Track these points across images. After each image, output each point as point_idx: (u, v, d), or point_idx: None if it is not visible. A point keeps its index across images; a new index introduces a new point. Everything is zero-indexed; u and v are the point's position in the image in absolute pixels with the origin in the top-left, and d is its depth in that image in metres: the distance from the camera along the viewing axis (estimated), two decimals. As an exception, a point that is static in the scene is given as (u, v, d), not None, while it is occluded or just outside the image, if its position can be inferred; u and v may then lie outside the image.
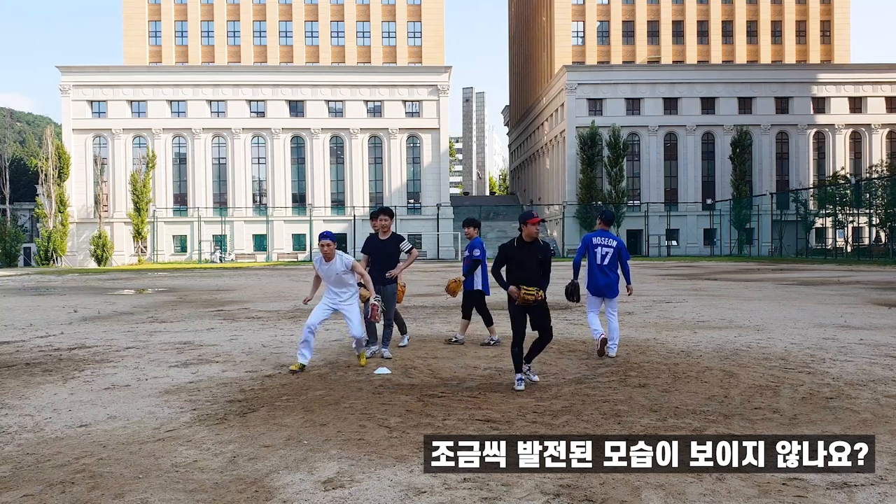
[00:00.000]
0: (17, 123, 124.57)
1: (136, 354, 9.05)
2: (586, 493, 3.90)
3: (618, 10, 71.93)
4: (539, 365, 8.01)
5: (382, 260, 8.66)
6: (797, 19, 72.95)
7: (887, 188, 49.21)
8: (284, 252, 63.60)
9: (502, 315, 13.75)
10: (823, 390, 6.48)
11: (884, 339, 9.79)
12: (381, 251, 8.69)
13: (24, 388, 6.99)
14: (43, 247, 55.83)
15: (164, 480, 4.17)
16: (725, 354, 8.60)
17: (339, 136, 65.05)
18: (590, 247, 8.64)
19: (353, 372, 7.70)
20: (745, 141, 63.23)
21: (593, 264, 8.59)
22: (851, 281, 24.04)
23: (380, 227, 8.79)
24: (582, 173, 63.28)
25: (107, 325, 12.51)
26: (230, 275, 34.67)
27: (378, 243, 8.75)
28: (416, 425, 5.35)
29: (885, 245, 51.92)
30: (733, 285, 22.34)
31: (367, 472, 4.30)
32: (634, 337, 10.25)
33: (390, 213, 8.97)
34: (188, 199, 63.90)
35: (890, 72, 66.92)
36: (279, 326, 12.06)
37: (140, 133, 63.46)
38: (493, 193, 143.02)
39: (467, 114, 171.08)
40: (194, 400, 6.37)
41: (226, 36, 69.25)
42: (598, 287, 8.58)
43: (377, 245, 8.73)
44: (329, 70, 65.76)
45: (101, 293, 21.84)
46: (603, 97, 66.15)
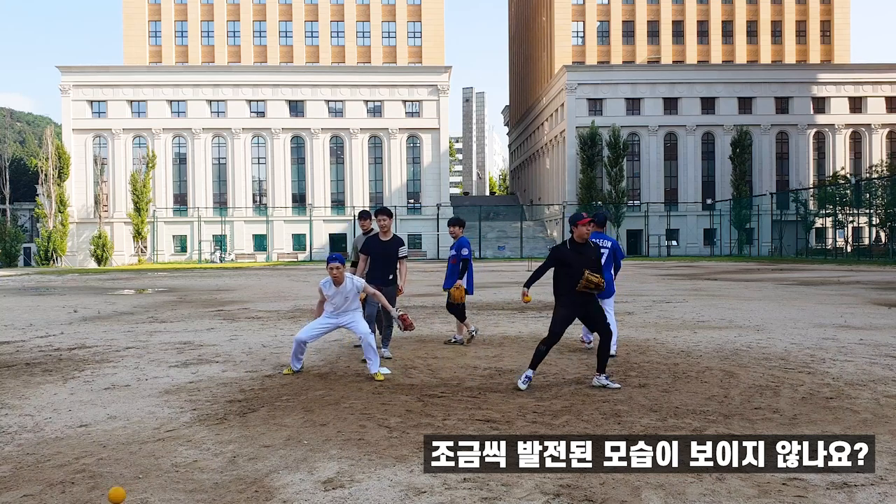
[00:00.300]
0: (17, 123, 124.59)
1: (136, 354, 9.05)
2: (586, 493, 3.90)
3: (618, 10, 71.94)
4: (539, 365, 8.01)
5: (385, 260, 8.63)
6: (797, 19, 72.96)
7: (887, 188, 49.22)
8: (284, 252, 63.61)
9: (502, 315, 13.74)
10: (823, 390, 6.48)
11: (884, 339, 9.79)
12: (383, 251, 8.64)
13: (24, 388, 6.99)
14: (43, 247, 55.84)
15: (164, 480, 4.17)
16: (725, 354, 8.61)
17: (339, 136, 65.05)
18: None
19: (353, 372, 7.70)
20: (745, 141, 63.24)
21: None
22: (851, 281, 24.04)
23: (380, 228, 8.72)
24: (582, 173, 63.28)
25: (107, 325, 12.51)
26: (230, 275, 34.68)
27: (380, 244, 8.68)
28: (416, 425, 5.35)
29: (885, 245, 51.92)
30: (733, 285, 22.35)
31: (367, 472, 4.30)
32: (634, 337, 10.25)
33: (390, 214, 8.89)
34: (188, 199, 63.91)
35: (890, 72, 66.93)
36: (279, 326, 12.06)
37: (140, 133, 63.47)
38: (493, 193, 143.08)
39: (467, 114, 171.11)
40: (194, 400, 6.37)
41: (226, 36, 69.27)
42: None
43: (379, 245, 8.68)
44: (329, 70, 65.77)
45: (101, 293, 21.84)
46: (603, 97, 66.17)
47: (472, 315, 13.70)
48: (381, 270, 8.58)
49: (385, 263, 8.60)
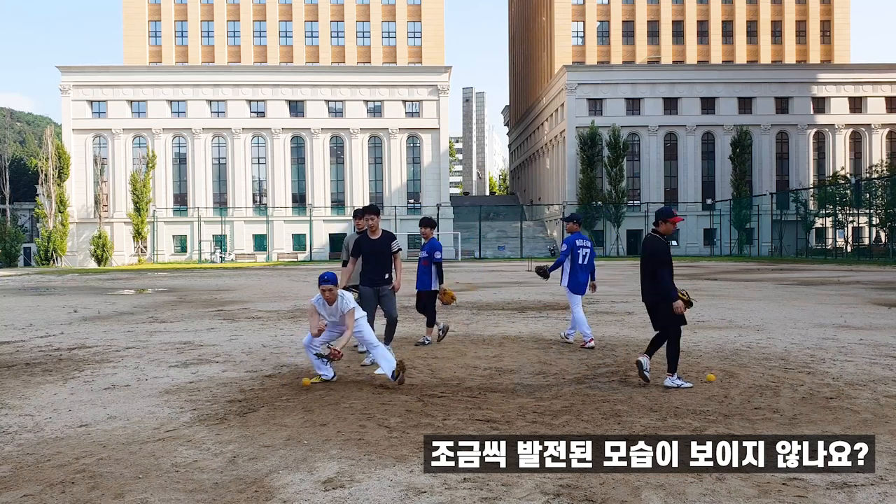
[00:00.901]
0: (17, 123, 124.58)
1: (136, 354, 9.05)
2: (586, 493, 3.90)
3: (618, 10, 71.95)
4: (539, 365, 8.02)
5: (377, 258, 8.47)
6: (797, 19, 72.96)
7: (887, 188, 49.22)
8: (284, 252, 63.61)
9: (502, 315, 13.74)
10: (823, 390, 6.48)
11: (884, 339, 9.79)
12: (373, 249, 8.49)
13: (24, 388, 6.99)
14: (43, 247, 55.84)
15: (164, 480, 4.17)
16: (725, 354, 8.61)
17: (339, 136, 65.06)
18: (574, 248, 9.42)
19: (353, 372, 7.70)
20: (745, 141, 63.24)
21: (576, 264, 9.43)
22: (851, 281, 24.04)
23: (368, 227, 8.46)
24: (582, 173, 63.28)
25: (107, 325, 12.51)
26: (230, 275, 34.68)
27: (370, 242, 8.45)
28: (416, 425, 5.35)
29: (885, 245, 51.92)
30: (733, 285, 22.35)
31: (367, 472, 4.30)
32: (634, 337, 10.25)
33: (377, 211, 8.55)
34: (188, 199, 63.91)
35: (890, 72, 66.94)
36: (279, 326, 12.06)
37: (140, 133, 63.46)
38: (493, 193, 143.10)
39: (467, 114, 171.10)
40: (194, 400, 6.37)
41: (226, 36, 69.26)
42: (581, 285, 9.42)
43: (369, 244, 8.54)
44: (329, 70, 65.76)
45: (101, 293, 21.84)
46: (603, 97, 66.17)
47: (472, 315, 13.71)
48: (375, 270, 8.37)
49: (378, 262, 8.41)
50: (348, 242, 9.07)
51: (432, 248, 9.56)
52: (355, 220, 8.95)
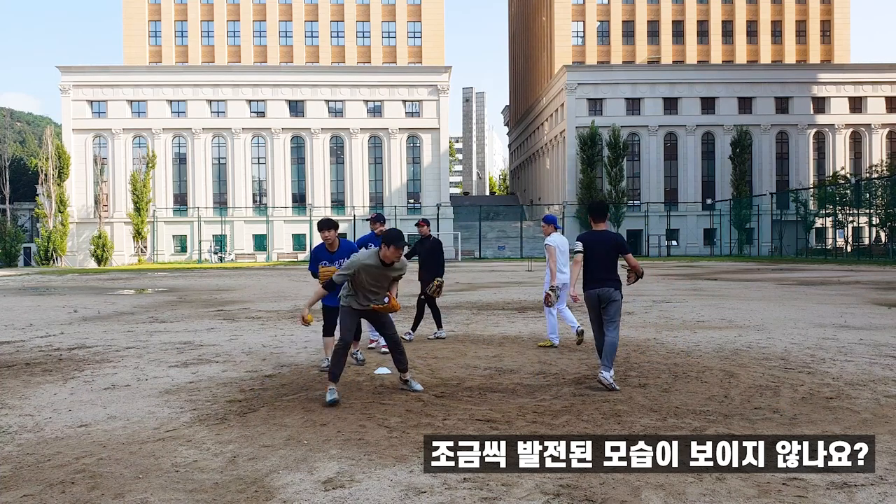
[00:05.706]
0: (18, 123, 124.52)
1: (136, 354, 9.05)
2: (586, 493, 3.90)
3: (618, 10, 71.94)
4: (539, 365, 8.02)
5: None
6: (797, 19, 72.95)
7: (887, 188, 49.23)
8: (284, 252, 63.61)
9: (502, 315, 13.74)
10: (823, 390, 6.48)
11: (884, 339, 9.79)
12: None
13: (24, 388, 6.99)
14: (43, 247, 55.84)
15: (164, 480, 4.17)
16: (725, 354, 8.60)
17: (339, 136, 65.06)
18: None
19: (353, 372, 7.70)
20: (745, 141, 63.26)
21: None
22: (851, 281, 24.04)
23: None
24: (582, 173, 63.29)
25: (107, 325, 12.51)
26: (230, 275, 34.67)
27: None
28: (416, 425, 5.35)
29: (885, 245, 51.92)
30: (733, 285, 22.34)
31: (367, 472, 4.30)
32: (634, 337, 10.25)
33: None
34: (188, 199, 63.91)
35: (890, 72, 66.93)
36: (279, 326, 12.06)
37: (140, 133, 63.47)
38: (493, 193, 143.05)
39: (467, 114, 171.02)
40: (194, 400, 6.37)
41: (226, 36, 69.25)
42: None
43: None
44: (329, 70, 65.76)
45: (101, 293, 21.84)
46: (603, 97, 66.18)
47: (472, 315, 13.72)
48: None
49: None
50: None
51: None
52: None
